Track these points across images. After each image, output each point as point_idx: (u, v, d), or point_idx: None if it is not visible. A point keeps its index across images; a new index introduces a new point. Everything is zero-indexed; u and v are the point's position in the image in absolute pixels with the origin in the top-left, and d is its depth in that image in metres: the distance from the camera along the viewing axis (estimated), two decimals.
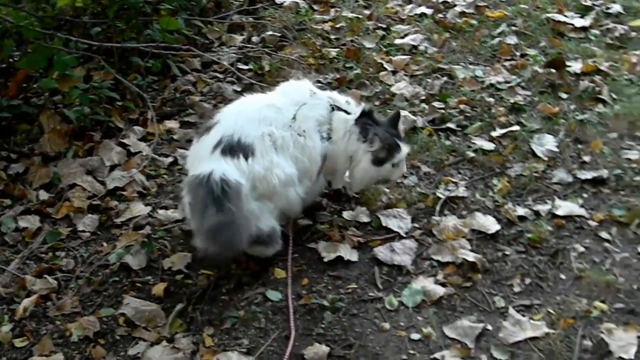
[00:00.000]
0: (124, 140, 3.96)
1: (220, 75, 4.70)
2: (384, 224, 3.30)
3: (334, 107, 3.25)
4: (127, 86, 4.22)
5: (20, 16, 4.07)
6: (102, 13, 4.63)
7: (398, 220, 3.32)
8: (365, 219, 3.35)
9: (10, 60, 4.36)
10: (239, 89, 4.49)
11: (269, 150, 3.02)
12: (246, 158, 2.96)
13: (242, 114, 3.13)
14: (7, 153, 3.93)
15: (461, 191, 3.49)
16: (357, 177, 3.31)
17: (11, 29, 4.01)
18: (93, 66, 4.43)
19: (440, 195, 3.45)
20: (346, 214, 3.38)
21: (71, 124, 3.97)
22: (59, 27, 4.74)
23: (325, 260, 3.11)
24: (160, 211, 3.48)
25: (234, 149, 2.97)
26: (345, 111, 3.27)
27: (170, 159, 3.89)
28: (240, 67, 4.76)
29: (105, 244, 3.32)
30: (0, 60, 4.28)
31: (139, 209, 3.50)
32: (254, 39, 5.17)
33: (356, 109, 3.30)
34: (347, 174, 3.39)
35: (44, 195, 3.60)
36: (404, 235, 3.24)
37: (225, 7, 5.59)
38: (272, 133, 3.05)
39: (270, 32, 5.19)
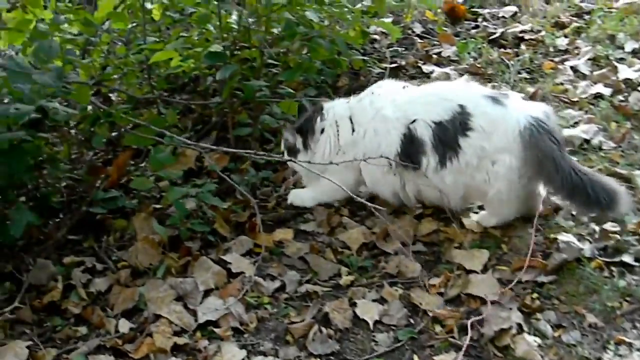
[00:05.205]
0: (225, 257, 3.28)
1: None
2: None
3: None
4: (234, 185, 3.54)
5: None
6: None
7: None
8: None
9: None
10: None
11: None
12: None
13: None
14: (94, 262, 3.36)
15: (636, 357, 2.59)
16: None
17: (102, 115, 3.55)
18: None
19: None
20: None
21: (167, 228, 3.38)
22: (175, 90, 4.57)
23: None
24: (257, 358, 2.78)
25: None
26: None
27: (276, 284, 3.15)
28: None
29: None
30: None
31: (232, 353, 2.80)
32: None
33: None
34: None
35: (124, 326, 2.97)
36: None
37: (364, 76, 4.93)
38: None
39: None
